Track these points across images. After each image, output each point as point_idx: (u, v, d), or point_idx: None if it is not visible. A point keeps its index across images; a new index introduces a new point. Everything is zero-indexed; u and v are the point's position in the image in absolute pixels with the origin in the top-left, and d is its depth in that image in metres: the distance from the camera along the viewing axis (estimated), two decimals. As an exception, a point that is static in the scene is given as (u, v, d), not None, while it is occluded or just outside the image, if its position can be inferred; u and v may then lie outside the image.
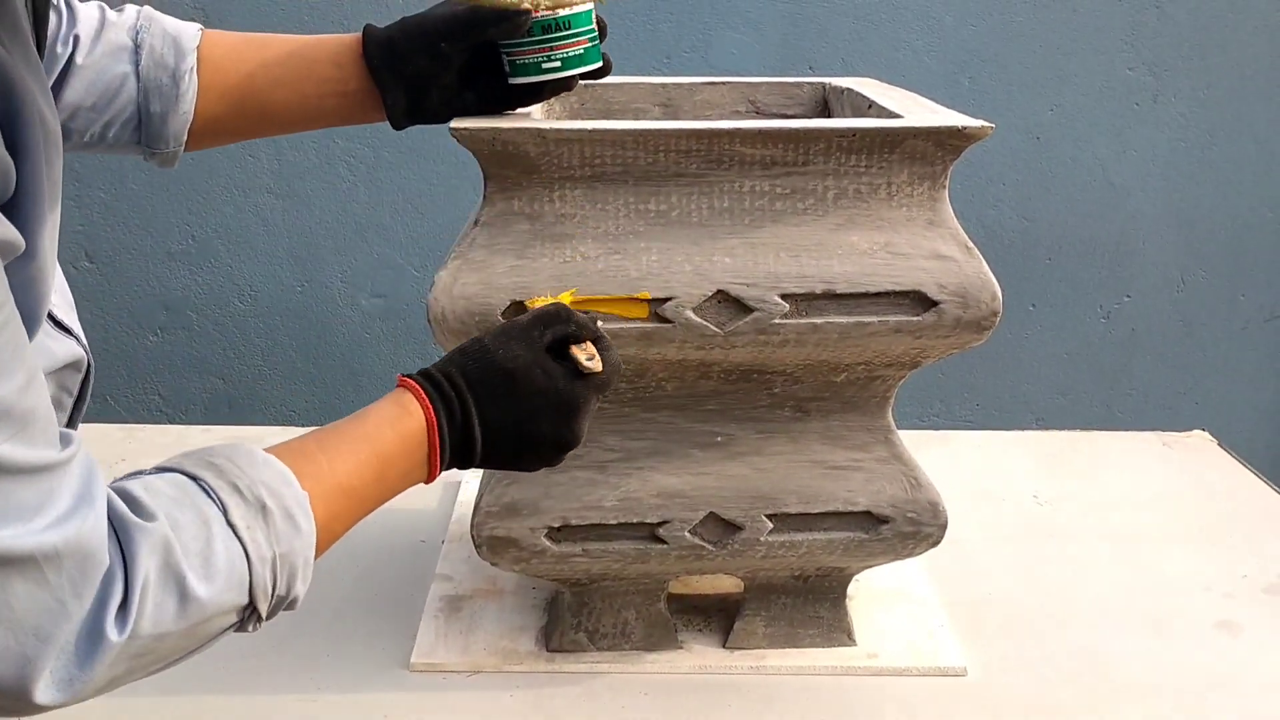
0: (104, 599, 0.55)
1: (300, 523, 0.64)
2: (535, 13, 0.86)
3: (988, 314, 0.90)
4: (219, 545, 0.60)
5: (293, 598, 0.65)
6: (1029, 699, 1.00)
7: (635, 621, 1.04)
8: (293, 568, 0.63)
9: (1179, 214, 2.05)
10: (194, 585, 0.58)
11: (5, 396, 0.52)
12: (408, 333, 2.03)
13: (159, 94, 0.88)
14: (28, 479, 0.53)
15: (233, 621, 0.62)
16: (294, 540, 0.63)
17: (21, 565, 0.52)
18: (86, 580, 0.54)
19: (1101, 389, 2.14)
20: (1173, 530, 1.29)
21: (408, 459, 0.72)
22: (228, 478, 0.62)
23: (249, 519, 0.61)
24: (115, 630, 0.55)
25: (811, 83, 1.17)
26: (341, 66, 0.90)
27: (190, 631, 0.59)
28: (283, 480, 0.64)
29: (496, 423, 0.75)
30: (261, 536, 0.62)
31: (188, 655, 0.62)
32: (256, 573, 0.61)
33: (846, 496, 0.97)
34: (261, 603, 0.62)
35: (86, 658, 0.55)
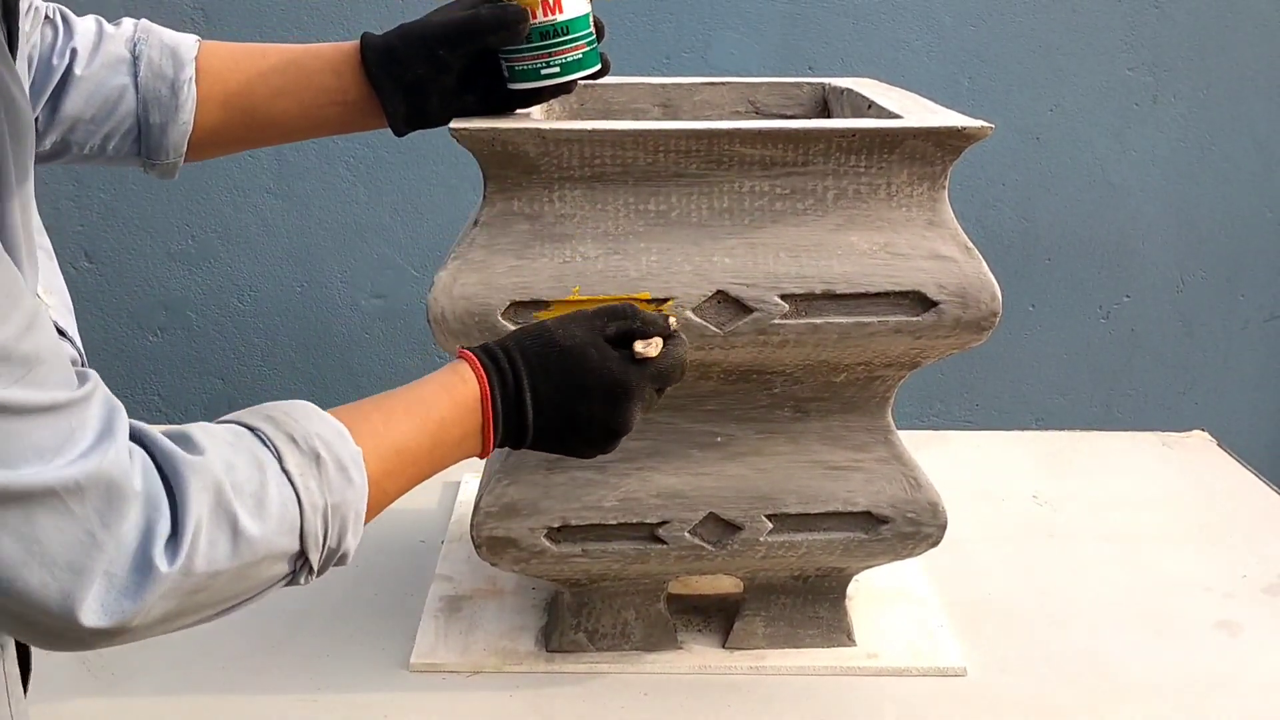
0: (149, 532, 0.56)
1: (353, 475, 0.65)
2: (533, 18, 0.86)
3: (987, 314, 0.90)
4: (273, 489, 0.61)
5: (343, 551, 0.66)
6: (1029, 699, 1.00)
7: (635, 622, 1.04)
8: (344, 519, 0.64)
9: (1179, 214, 2.05)
10: (246, 523, 0.59)
11: (5, 340, 0.52)
12: (407, 333, 2.03)
13: (158, 105, 0.89)
14: (41, 418, 0.53)
15: (284, 572, 0.63)
16: (346, 491, 0.64)
17: (44, 500, 0.53)
18: (114, 511, 0.55)
19: (1101, 389, 2.14)
20: (1173, 530, 1.29)
21: (461, 425, 0.73)
22: (284, 428, 0.64)
23: (303, 467, 0.63)
24: (165, 561, 0.56)
25: (811, 83, 1.17)
26: (340, 75, 0.90)
27: (243, 572, 0.60)
28: (337, 434, 0.65)
29: (547, 397, 0.76)
30: (315, 484, 0.63)
31: (241, 603, 0.63)
32: (308, 519, 0.62)
33: (846, 497, 0.97)
34: (313, 551, 0.63)
35: (137, 588, 0.56)
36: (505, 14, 0.85)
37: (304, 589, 1.13)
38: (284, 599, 1.11)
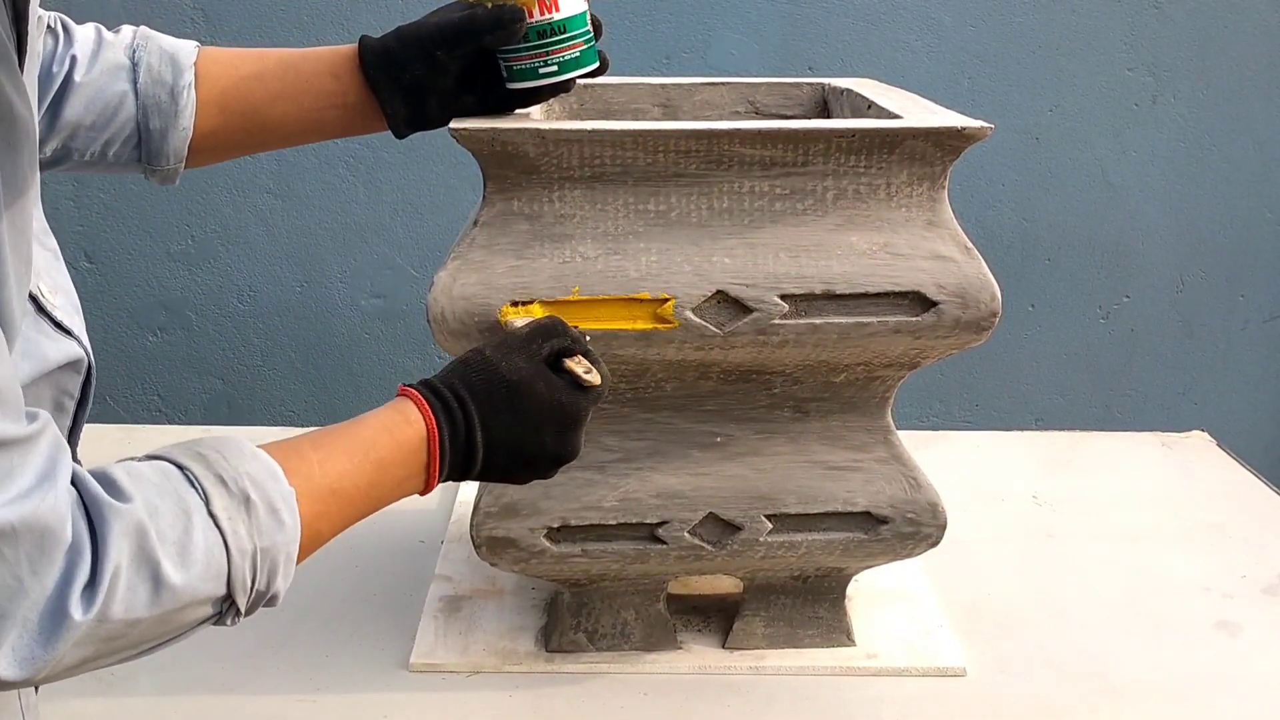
0: (68, 578, 0.55)
1: (284, 518, 0.63)
2: (530, 18, 0.86)
3: (987, 314, 0.90)
4: (198, 534, 0.59)
5: (273, 593, 0.64)
6: (1028, 699, 1.00)
7: (634, 622, 1.04)
8: (274, 563, 0.63)
9: (1178, 214, 2.05)
10: (169, 572, 0.58)
11: None
12: (407, 333, 2.03)
13: (158, 111, 0.89)
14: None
15: (209, 614, 0.62)
16: (276, 535, 0.63)
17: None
18: (45, 558, 0.54)
19: (1101, 389, 2.14)
20: (1172, 531, 1.29)
21: (404, 467, 0.72)
22: (214, 468, 0.62)
23: (231, 510, 0.61)
24: (80, 609, 0.55)
25: (811, 83, 1.17)
26: (339, 78, 0.90)
27: (164, 619, 0.59)
28: (269, 474, 0.63)
29: (499, 434, 0.75)
30: (243, 529, 0.61)
31: (163, 644, 0.61)
32: (235, 564, 0.61)
33: (846, 497, 0.97)
34: (240, 596, 0.62)
35: (50, 636, 0.54)
36: (501, 14, 0.85)
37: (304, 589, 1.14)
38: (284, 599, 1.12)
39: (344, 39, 1.84)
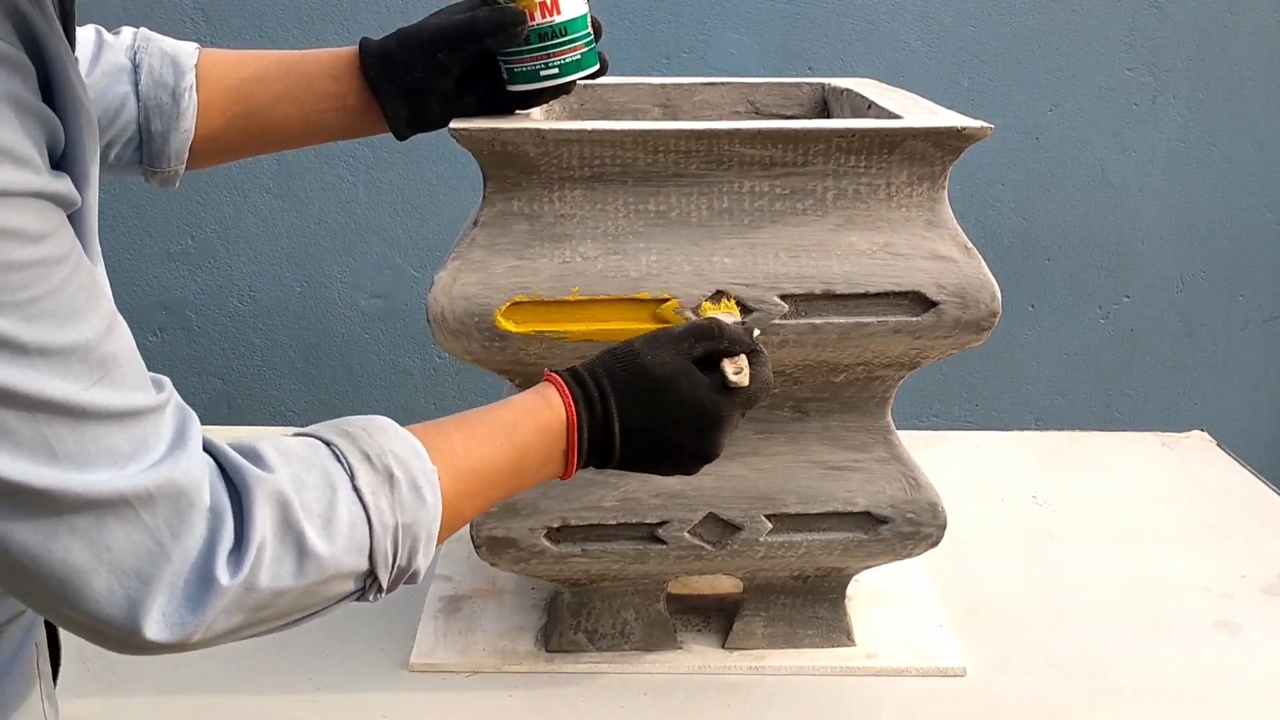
0: (212, 542, 0.56)
1: (426, 496, 0.64)
2: (531, 20, 0.86)
3: (987, 314, 0.90)
4: (342, 508, 0.61)
5: (413, 570, 0.65)
6: (1028, 699, 1.00)
7: (634, 622, 1.04)
8: (415, 539, 0.64)
9: (1178, 214, 2.05)
10: (313, 543, 0.59)
11: (85, 341, 0.52)
12: (407, 333, 2.03)
13: (159, 113, 0.88)
14: (119, 424, 0.53)
15: (353, 589, 0.63)
16: (418, 512, 0.64)
17: (116, 508, 0.53)
18: (183, 522, 0.55)
19: (1101, 389, 2.14)
20: (1172, 530, 1.29)
21: (544, 451, 0.73)
22: (359, 445, 0.63)
23: (375, 485, 0.62)
24: (227, 573, 0.56)
25: (811, 83, 1.17)
26: (339, 80, 0.90)
27: (309, 590, 0.60)
28: (413, 453, 0.65)
29: (637, 427, 0.75)
30: (386, 504, 0.62)
31: (307, 617, 0.62)
32: (378, 539, 0.62)
33: (846, 497, 0.98)
34: (382, 571, 0.63)
35: (198, 601, 0.56)
36: (503, 16, 0.85)
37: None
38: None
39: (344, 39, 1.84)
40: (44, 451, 0.51)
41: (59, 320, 0.51)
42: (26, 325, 0.49)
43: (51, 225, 0.51)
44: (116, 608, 0.54)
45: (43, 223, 0.51)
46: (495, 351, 0.89)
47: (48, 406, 0.50)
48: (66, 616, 0.55)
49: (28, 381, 0.50)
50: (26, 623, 0.69)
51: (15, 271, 0.49)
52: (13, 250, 0.49)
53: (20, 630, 0.68)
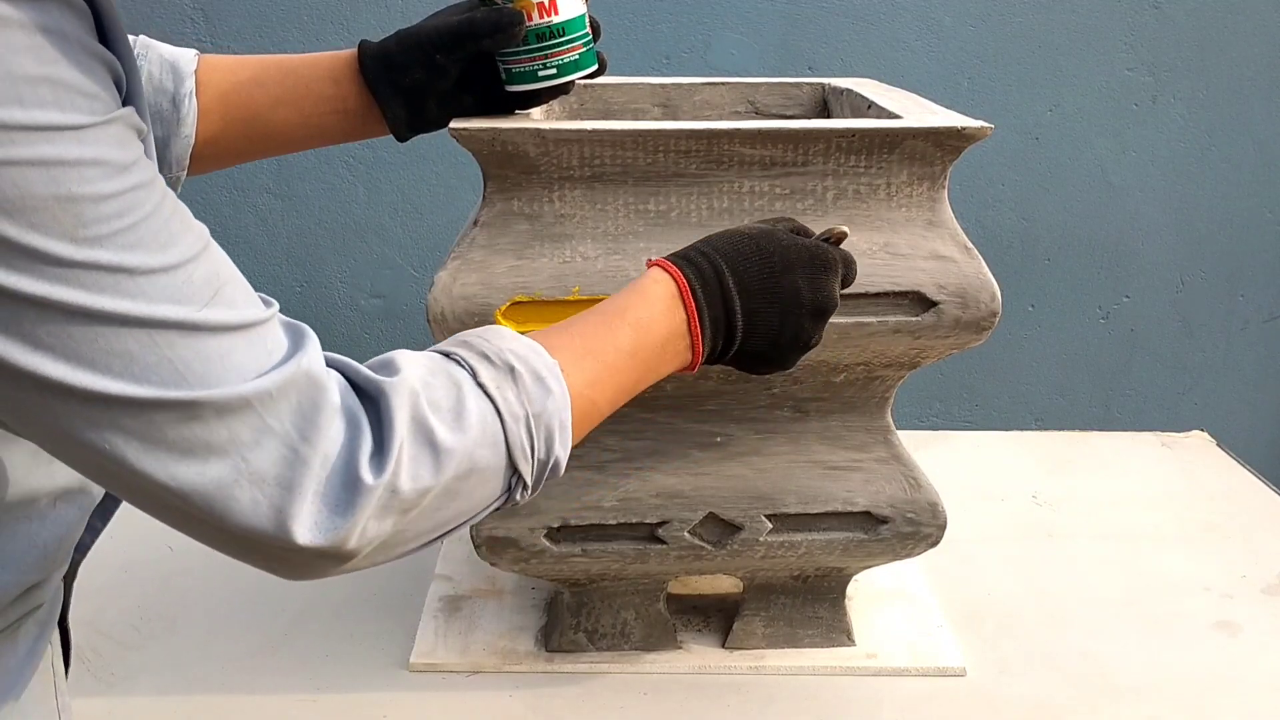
0: (352, 446, 0.56)
1: (551, 385, 0.65)
2: (529, 21, 0.86)
3: (987, 314, 0.90)
4: (470, 403, 0.61)
5: (554, 461, 0.66)
6: (1028, 699, 1.00)
7: (634, 622, 1.04)
8: (549, 428, 0.64)
9: (1178, 214, 2.05)
10: (444, 437, 0.59)
11: (188, 261, 0.53)
12: (407, 333, 2.03)
13: (160, 120, 0.88)
14: (237, 336, 0.54)
15: (498, 490, 0.63)
16: (546, 401, 0.64)
17: (242, 413, 0.53)
18: (312, 425, 0.55)
19: (1100, 389, 2.14)
20: (1172, 530, 1.29)
21: (663, 325, 0.72)
22: (476, 348, 0.65)
23: (498, 380, 0.63)
24: (370, 474, 0.56)
25: (811, 83, 1.17)
26: (339, 83, 0.91)
27: (451, 488, 0.60)
28: (530, 349, 0.66)
29: (750, 279, 0.74)
30: (512, 395, 0.63)
31: (460, 525, 0.63)
32: (510, 430, 0.62)
33: (846, 497, 0.97)
34: (522, 463, 0.63)
35: (346, 504, 0.56)
36: (501, 17, 0.85)
37: (304, 589, 1.14)
38: (284, 599, 1.12)
39: (344, 39, 1.84)
40: (169, 372, 0.51)
41: (159, 245, 0.52)
42: (129, 253, 0.50)
43: (134, 154, 0.52)
44: (264, 518, 0.54)
45: (125, 152, 0.52)
46: (495, 351, 0.88)
47: (164, 325, 0.51)
48: (221, 538, 0.55)
49: (141, 306, 0.51)
50: (42, 617, 0.69)
51: (108, 201, 0.50)
52: (103, 181, 0.50)
53: (35, 625, 0.69)
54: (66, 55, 0.49)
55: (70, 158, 0.49)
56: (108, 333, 0.50)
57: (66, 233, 0.49)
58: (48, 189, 0.48)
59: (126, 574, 1.15)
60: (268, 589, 1.14)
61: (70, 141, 0.49)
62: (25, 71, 0.47)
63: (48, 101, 0.48)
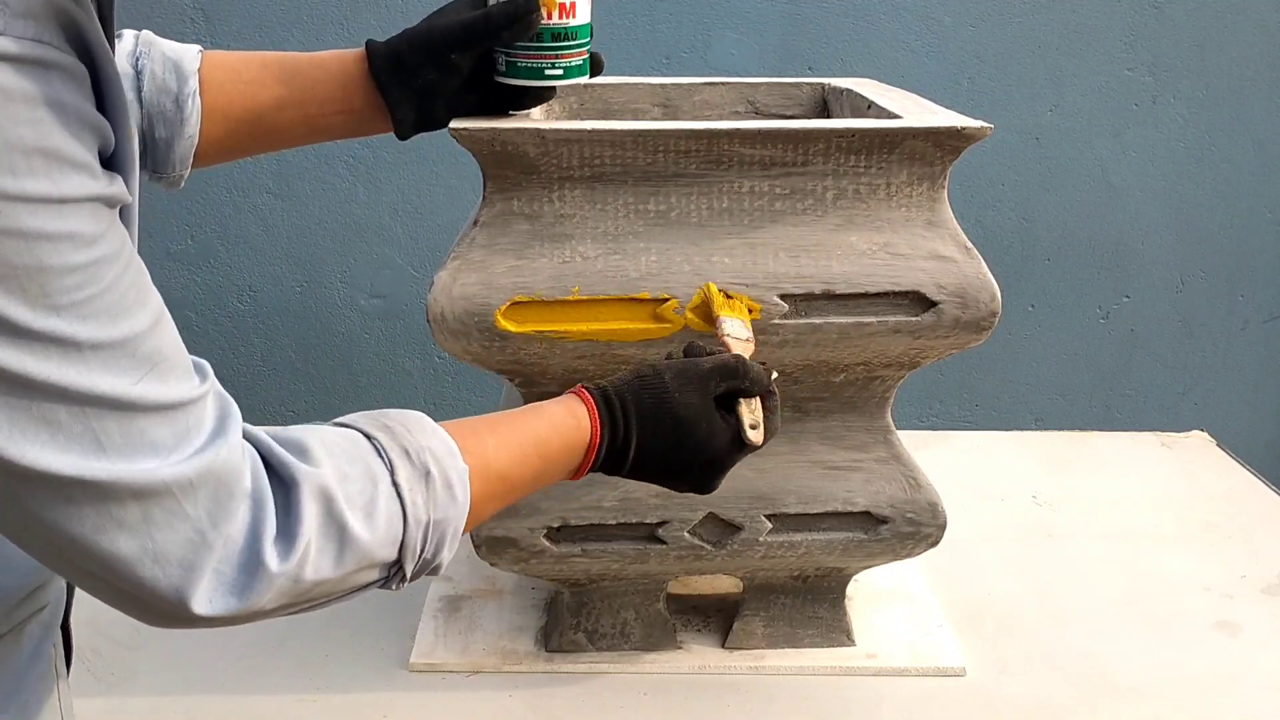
0: (256, 529, 0.57)
1: (458, 493, 0.67)
2: (548, 19, 0.86)
3: (986, 314, 0.90)
4: (383, 502, 0.63)
5: (437, 563, 0.68)
6: (1027, 699, 1.00)
7: (634, 622, 1.04)
8: (442, 535, 0.66)
9: (1178, 215, 2.05)
10: (356, 533, 0.61)
11: (135, 336, 0.53)
12: (406, 333, 2.03)
13: (163, 119, 0.88)
14: (163, 415, 0.54)
15: (377, 578, 0.65)
16: (449, 509, 0.66)
17: (159, 497, 0.54)
18: (223, 510, 0.56)
19: (1100, 389, 2.14)
20: (1172, 531, 1.29)
21: (564, 464, 0.75)
22: (399, 441, 0.65)
23: (413, 482, 0.64)
24: (275, 560, 0.58)
25: (811, 83, 1.17)
26: (346, 85, 0.90)
27: (343, 579, 0.62)
28: (448, 451, 0.67)
29: (650, 456, 0.78)
30: (421, 500, 0.65)
31: (331, 602, 0.64)
32: (410, 533, 0.64)
33: (845, 497, 0.97)
34: (409, 562, 0.65)
35: (245, 587, 0.57)
36: (517, 8, 0.85)
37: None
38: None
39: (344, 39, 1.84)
40: (92, 444, 0.52)
41: (111, 317, 0.52)
42: (81, 324, 0.51)
43: (104, 226, 0.53)
44: (164, 594, 0.56)
45: (97, 224, 0.52)
46: (495, 351, 0.89)
47: (98, 401, 0.52)
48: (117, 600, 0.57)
49: (80, 378, 0.51)
50: (46, 619, 0.69)
51: (72, 274, 0.50)
52: (71, 253, 0.50)
53: (39, 627, 0.69)
54: (63, 126, 0.50)
55: (49, 230, 0.49)
56: (43, 403, 0.50)
57: (29, 300, 0.49)
58: (21, 259, 0.48)
59: (126, 574, 1.15)
60: (268, 589, 1.14)
61: (52, 214, 0.49)
62: (23, 143, 0.48)
63: (39, 172, 0.49)
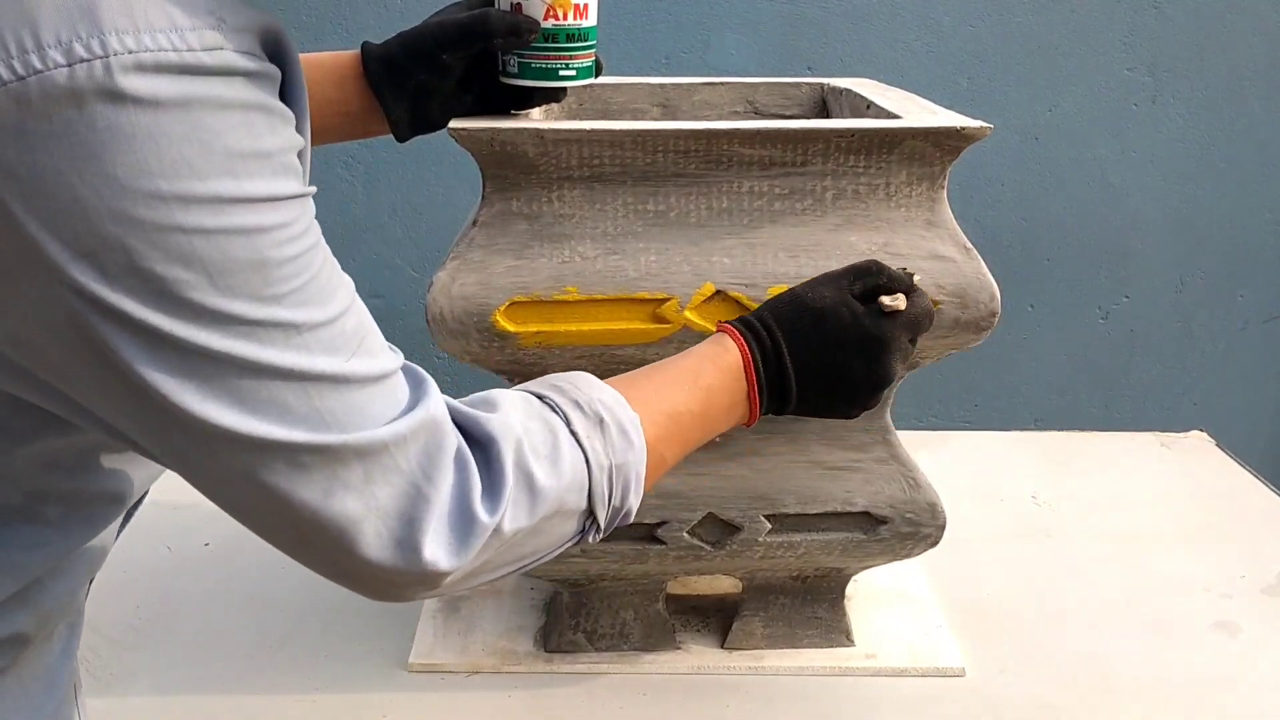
0: (464, 486, 0.61)
1: (633, 438, 0.69)
2: (562, 19, 0.86)
3: (986, 314, 0.90)
4: (565, 450, 0.66)
5: (626, 509, 0.70)
6: (1027, 699, 1.00)
7: (633, 622, 1.04)
8: (626, 479, 0.69)
9: (1178, 215, 2.05)
10: (542, 480, 0.64)
11: (340, 315, 0.58)
12: (406, 333, 2.02)
13: None
14: (375, 386, 0.59)
15: (574, 530, 0.68)
16: (628, 453, 0.69)
17: (378, 455, 0.58)
18: (434, 464, 0.60)
19: (1100, 389, 2.14)
20: (1171, 531, 1.29)
21: (728, 393, 0.77)
22: (568, 395, 0.69)
23: (588, 430, 0.68)
24: (485, 513, 0.61)
25: (810, 83, 1.17)
26: (343, 87, 0.91)
27: (538, 528, 0.65)
28: (616, 401, 0.70)
29: (805, 358, 0.79)
30: (599, 446, 0.68)
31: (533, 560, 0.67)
32: (595, 479, 0.67)
33: (845, 497, 0.97)
34: (600, 509, 0.68)
35: (462, 539, 0.60)
36: (519, 21, 0.85)
37: (304, 589, 1.14)
38: (284, 599, 1.12)
39: (344, 39, 1.84)
40: (316, 421, 0.56)
41: (321, 301, 0.57)
42: (299, 310, 0.55)
43: (309, 218, 0.57)
44: (386, 550, 0.59)
45: (305, 216, 0.57)
46: (494, 351, 0.89)
47: (318, 379, 0.56)
48: (344, 566, 0.59)
49: (301, 360, 0.55)
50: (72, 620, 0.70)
51: (289, 264, 0.55)
52: (287, 246, 0.55)
53: (67, 628, 0.70)
54: (270, 129, 0.54)
55: (268, 224, 0.53)
56: (270, 385, 0.54)
57: (253, 293, 0.53)
58: (246, 254, 0.53)
59: (126, 574, 1.15)
60: (267, 589, 1.14)
61: (269, 211, 0.53)
62: (239, 147, 0.52)
63: (255, 174, 0.53)
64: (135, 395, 0.53)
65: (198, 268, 0.51)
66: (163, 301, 0.51)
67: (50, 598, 0.65)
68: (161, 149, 0.49)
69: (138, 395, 0.53)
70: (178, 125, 0.50)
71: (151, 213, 0.50)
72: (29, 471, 0.60)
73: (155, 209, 0.50)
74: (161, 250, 0.50)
